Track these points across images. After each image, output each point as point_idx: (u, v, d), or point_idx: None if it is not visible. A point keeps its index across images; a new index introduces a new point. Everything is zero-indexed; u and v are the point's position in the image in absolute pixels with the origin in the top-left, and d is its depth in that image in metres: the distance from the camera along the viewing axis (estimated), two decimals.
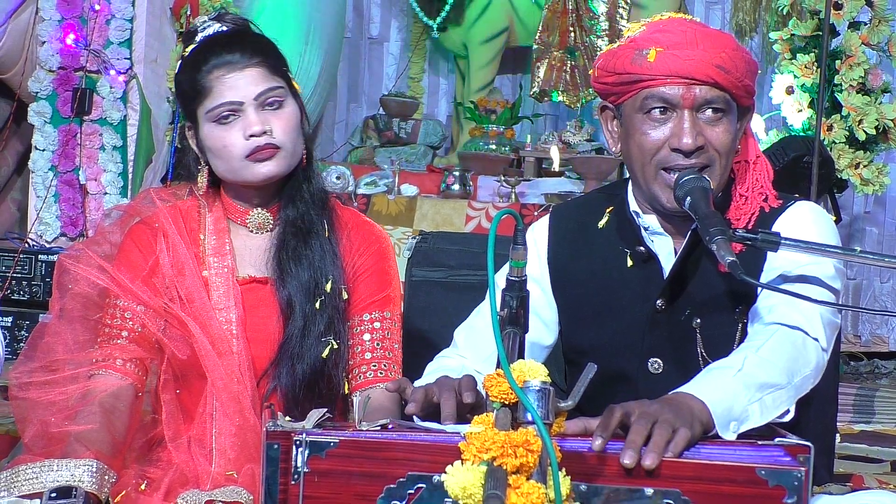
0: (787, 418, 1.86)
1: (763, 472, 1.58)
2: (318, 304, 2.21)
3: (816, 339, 1.94)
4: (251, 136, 2.16)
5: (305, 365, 2.18)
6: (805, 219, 2.08)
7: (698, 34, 2.02)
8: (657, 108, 2.02)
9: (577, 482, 1.58)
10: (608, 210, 2.19)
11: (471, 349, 2.16)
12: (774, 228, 2.04)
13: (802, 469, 1.58)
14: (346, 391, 2.26)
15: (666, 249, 2.11)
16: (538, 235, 2.23)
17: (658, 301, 2.09)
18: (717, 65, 2.00)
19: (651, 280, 2.11)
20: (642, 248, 2.12)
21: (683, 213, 2.01)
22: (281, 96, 2.19)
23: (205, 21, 2.26)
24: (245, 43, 2.20)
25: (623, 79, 2.04)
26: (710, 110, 2.02)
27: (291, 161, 2.21)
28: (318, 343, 2.19)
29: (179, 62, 2.26)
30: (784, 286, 1.96)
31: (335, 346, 2.20)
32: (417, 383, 2.05)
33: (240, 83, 2.17)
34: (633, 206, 2.14)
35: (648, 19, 2.11)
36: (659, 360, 2.09)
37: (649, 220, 2.12)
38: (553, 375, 1.62)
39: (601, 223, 2.18)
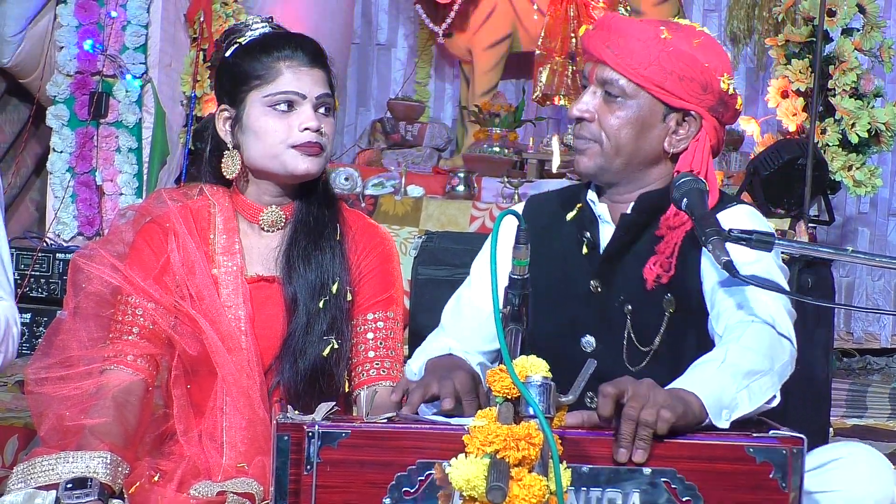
0: (775, 403, 1.89)
1: (751, 450, 1.68)
2: (321, 304, 2.23)
3: (781, 328, 1.97)
4: (306, 129, 2.21)
5: (307, 361, 2.20)
6: (741, 222, 2.07)
7: (642, 21, 2.12)
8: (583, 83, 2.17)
9: (579, 464, 1.63)
10: (578, 204, 2.23)
11: (459, 338, 2.20)
12: None
13: (788, 447, 1.67)
14: (347, 389, 2.28)
15: (608, 237, 2.17)
16: (509, 220, 2.30)
17: (592, 282, 2.15)
18: (607, 45, 2.09)
19: (593, 264, 2.16)
20: (589, 235, 2.17)
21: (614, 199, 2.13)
22: (332, 105, 2.27)
23: (257, 21, 2.33)
24: (313, 48, 2.28)
25: None
26: (606, 90, 2.11)
27: (325, 166, 2.27)
28: (320, 341, 2.21)
29: (234, 48, 2.29)
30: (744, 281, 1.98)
31: (335, 346, 2.23)
32: (409, 372, 2.12)
33: (307, 79, 2.23)
34: (591, 195, 2.20)
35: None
36: (592, 340, 2.14)
37: (601, 209, 2.18)
38: None
39: (571, 215, 2.22)
